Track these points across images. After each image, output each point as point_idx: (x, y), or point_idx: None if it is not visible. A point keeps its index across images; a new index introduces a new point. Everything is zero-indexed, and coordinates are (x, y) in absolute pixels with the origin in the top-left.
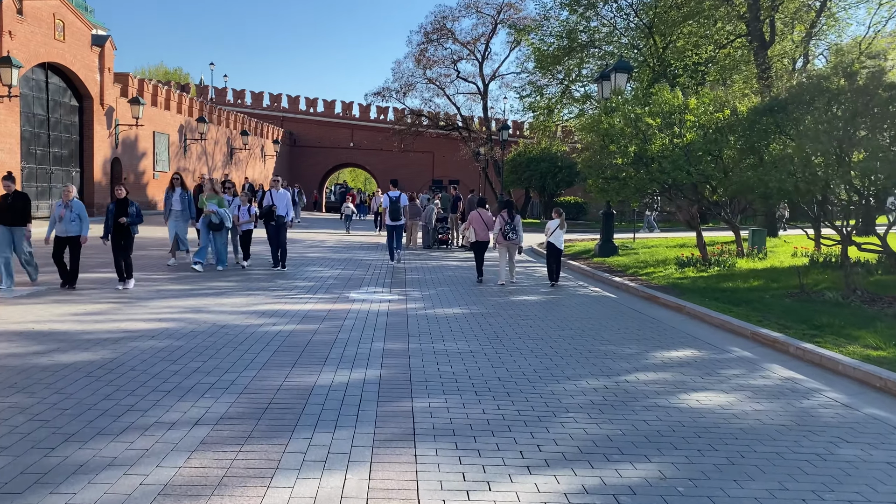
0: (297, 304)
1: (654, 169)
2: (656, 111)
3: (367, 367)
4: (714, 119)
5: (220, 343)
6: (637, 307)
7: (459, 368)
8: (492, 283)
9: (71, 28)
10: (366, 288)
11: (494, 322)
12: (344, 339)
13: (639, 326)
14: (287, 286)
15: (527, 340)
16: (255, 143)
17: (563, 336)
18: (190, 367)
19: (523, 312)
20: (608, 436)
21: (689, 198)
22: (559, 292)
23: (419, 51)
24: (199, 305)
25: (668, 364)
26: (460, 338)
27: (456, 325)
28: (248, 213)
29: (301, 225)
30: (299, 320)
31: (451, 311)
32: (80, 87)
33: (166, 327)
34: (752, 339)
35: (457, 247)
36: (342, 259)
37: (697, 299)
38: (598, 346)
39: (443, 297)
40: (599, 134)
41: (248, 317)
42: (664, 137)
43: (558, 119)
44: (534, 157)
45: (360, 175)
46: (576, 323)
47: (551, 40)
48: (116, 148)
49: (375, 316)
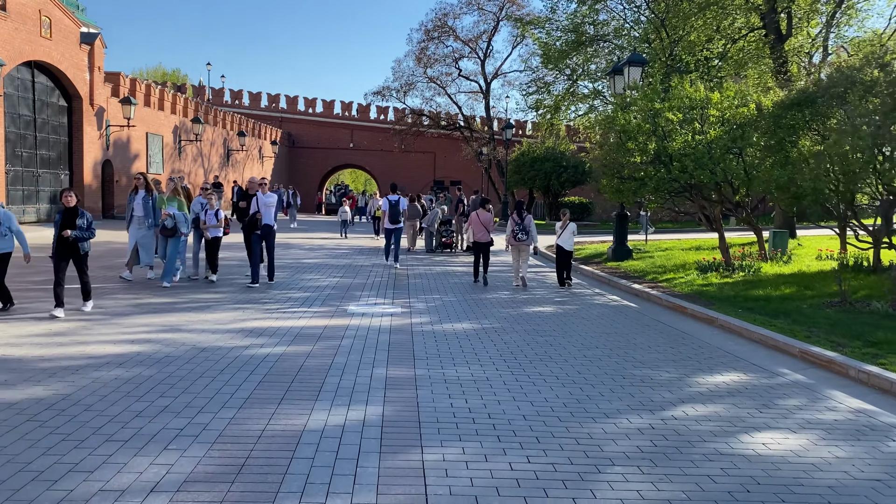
0: (290, 319)
1: (676, 167)
2: (677, 106)
3: (368, 403)
4: (739, 114)
5: (198, 372)
6: (663, 319)
7: (476, 403)
8: (502, 290)
9: (58, 25)
10: (366, 299)
11: (510, 339)
12: (341, 365)
13: (670, 343)
14: (280, 298)
15: (549, 363)
16: (252, 144)
17: (589, 357)
18: (157, 405)
19: (540, 327)
20: (670, 501)
21: (709, 199)
22: (575, 302)
23: (420, 49)
24: (180, 323)
25: (716, 393)
26: (473, 361)
27: (467, 344)
28: (214, 217)
29: (299, 228)
30: (291, 340)
31: (460, 326)
32: (69, 86)
33: (138, 351)
34: (802, 359)
35: (461, 251)
36: (341, 265)
37: (729, 310)
38: (631, 370)
39: (450, 308)
40: (616, 130)
41: (233, 336)
42: (686, 133)
43: (565, 117)
44: (538, 156)
45: (361, 176)
46: (600, 339)
47: (558, 34)
48: (107, 150)
49: (377, 333)
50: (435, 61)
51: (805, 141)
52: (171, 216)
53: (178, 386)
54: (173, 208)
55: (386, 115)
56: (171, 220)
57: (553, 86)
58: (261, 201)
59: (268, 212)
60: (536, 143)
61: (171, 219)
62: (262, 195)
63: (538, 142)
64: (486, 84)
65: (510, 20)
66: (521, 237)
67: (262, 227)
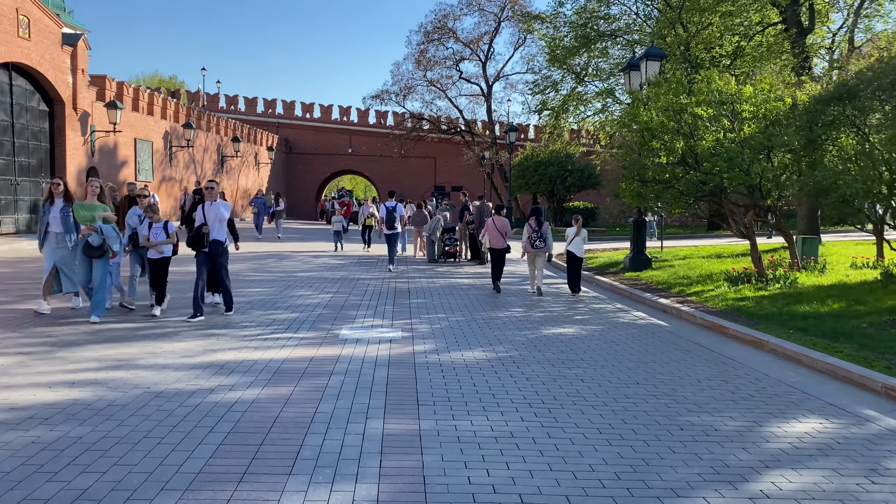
0: (271, 349)
1: (706, 168)
2: (707, 100)
3: (358, 479)
4: (774, 108)
5: (143, 430)
6: (702, 341)
7: (501, 475)
8: (515, 306)
9: (37, 25)
10: (361, 320)
11: (531, 373)
12: (326, 415)
13: (720, 374)
14: (262, 320)
15: (584, 407)
16: (247, 150)
17: (631, 397)
18: (74, 487)
19: (564, 355)
20: None
21: (738, 204)
22: (598, 320)
23: (419, 51)
24: (138, 355)
25: (803, 451)
26: (491, 405)
27: (481, 381)
28: (163, 233)
29: (294, 237)
30: (268, 379)
31: (471, 354)
32: (50, 89)
33: (75, 399)
34: (887, 396)
35: (466, 260)
36: (335, 279)
37: (778, 330)
38: (687, 416)
39: (457, 331)
40: (636, 129)
41: (198, 374)
42: (717, 131)
43: (575, 117)
44: (542, 160)
45: (360, 183)
46: (638, 371)
47: (565, 31)
48: (93, 156)
49: (372, 367)
50: (435, 64)
51: (847, 139)
52: (98, 231)
53: (110, 454)
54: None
55: (385, 119)
56: (98, 236)
57: (560, 84)
58: (209, 212)
59: (219, 226)
60: (540, 146)
61: (97, 235)
62: (209, 204)
63: (542, 145)
64: (488, 87)
65: (514, 17)
66: (539, 244)
67: (210, 245)
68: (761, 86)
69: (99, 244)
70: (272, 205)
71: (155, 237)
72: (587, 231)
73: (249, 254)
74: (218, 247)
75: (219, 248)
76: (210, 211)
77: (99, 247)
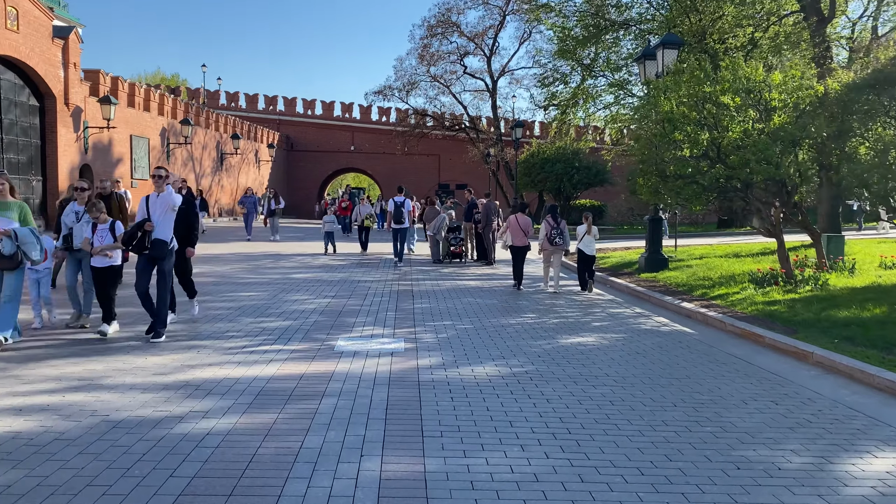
0: (257, 364)
1: (734, 162)
2: (734, 88)
3: None
4: (808, 96)
5: (87, 475)
6: (736, 351)
7: None
8: (527, 311)
9: (26, 17)
10: (360, 328)
11: (552, 393)
12: (313, 452)
13: (766, 393)
14: (251, 329)
15: (618, 438)
16: (248, 147)
17: (670, 424)
18: None
19: (587, 369)
20: None
21: (764, 200)
22: (619, 327)
23: (422, 46)
24: (104, 372)
25: (891, 497)
26: (509, 436)
27: (496, 404)
28: (110, 235)
29: (296, 237)
30: (249, 403)
31: (482, 370)
32: (41, 84)
33: (17, 431)
34: None
35: (472, 261)
36: (335, 281)
37: (821, 339)
38: (741, 450)
39: (466, 341)
40: (658, 119)
41: (169, 397)
42: (745, 122)
43: (584, 111)
44: (548, 157)
45: (364, 181)
46: (672, 389)
47: (574, 20)
48: (86, 153)
49: (371, 386)
50: (438, 59)
51: (881, 128)
52: (10, 235)
53: None
54: (8, 220)
55: (388, 116)
56: (10, 242)
57: (570, 77)
58: (154, 206)
59: (163, 221)
60: (546, 143)
61: (8, 240)
62: (155, 196)
63: (548, 142)
64: (493, 82)
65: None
66: (558, 241)
67: (152, 245)
68: (792, 72)
69: (11, 252)
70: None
71: (100, 241)
72: (597, 229)
73: (245, 254)
74: (162, 248)
75: (163, 250)
76: (156, 204)
77: (12, 255)
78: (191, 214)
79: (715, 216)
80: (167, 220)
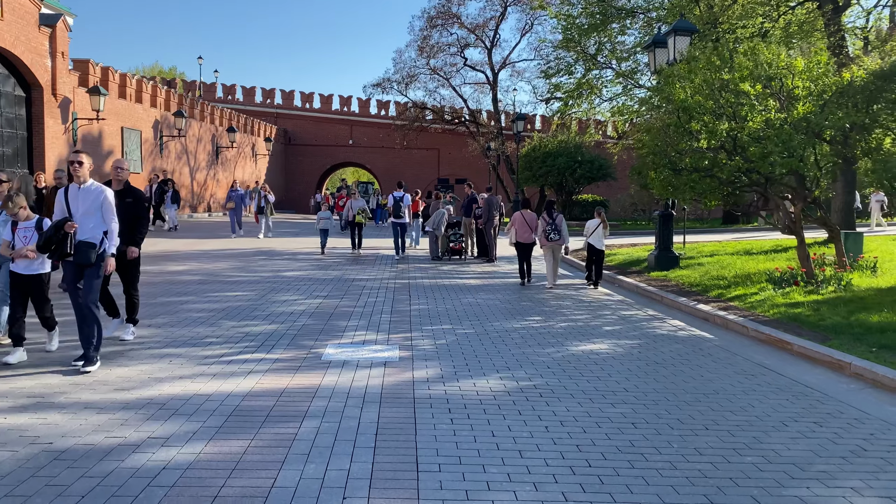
0: (233, 376)
1: (754, 154)
2: (755, 75)
3: None
4: (834, 84)
5: None
6: (764, 361)
7: None
8: (532, 313)
9: (11, 4)
10: (352, 333)
11: (565, 413)
12: (287, 492)
13: (806, 412)
14: (232, 335)
15: (648, 473)
16: (244, 141)
17: (705, 452)
18: None
19: (603, 383)
20: None
21: (783, 196)
22: (633, 332)
23: (422, 38)
24: (58, 387)
25: None
26: (519, 471)
27: (502, 427)
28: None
29: (291, 232)
30: (219, 425)
31: (485, 383)
32: (27, 73)
33: None
34: None
35: (472, 258)
36: (328, 280)
37: (857, 348)
38: (792, 487)
39: (467, 347)
40: (673, 108)
41: (127, 419)
42: (767, 111)
43: (589, 102)
44: (550, 151)
45: (363, 175)
46: (700, 407)
47: (580, 8)
48: (75, 145)
49: (359, 405)
50: (438, 51)
51: None
52: None
53: None
54: None
55: (387, 110)
56: None
57: (574, 67)
58: (76, 201)
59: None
60: (548, 137)
61: None
62: (76, 189)
63: (550, 136)
64: (494, 74)
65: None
66: (554, 237)
67: (76, 250)
68: (817, 58)
69: None
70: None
71: (23, 241)
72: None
73: (234, 250)
74: (88, 253)
75: (89, 255)
76: (78, 198)
77: None
78: (139, 208)
79: (720, 211)
80: (94, 217)
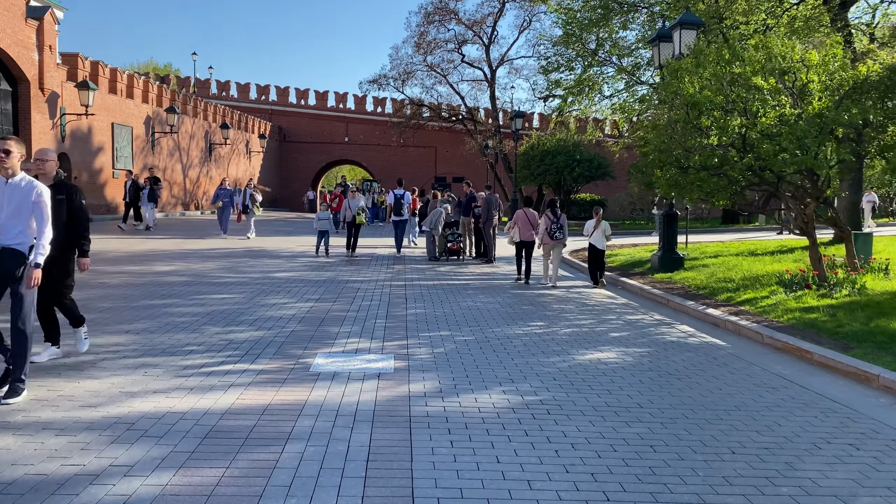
0: (213, 390)
1: (766, 151)
2: (768, 68)
3: None
4: (852, 78)
5: None
6: (783, 371)
7: None
8: (534, 318)
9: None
10: (344, 340)
11: (576, 434)
12: None
13: (838, 432)
14: (215, 342)
15: None
16: (238, 137)
17: (734, 482)
18: None
19: (615, 398)
20: None
21: (796, 195)
22: (641, 339)
23: (419, 34)
24: (17, 404)
25: None
26: None
27: (507, 452)
28: None
29: (284, 231)
30: (191, 450)
31: (487, 398)
32: (13, 67)
33: None
34: None
35: (471, 258)
36: (320, 282)
37: (883, 358)
38: None
39: (467, 356)
40: (681, 104)
41: (89, 443)
42: (780, 107)
43: (590, 99)
44: (548, 149)
45: (359, 174)
46: (724, 428)
47: (580, 3)
48: (63, 141)
49: (349, 425)
50: (436, 47)
51: None
52: None
53: None
54: None
55: (384, 107)
56: None
57: (574, 62)
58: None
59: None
60: (546, 135)
61: None
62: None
63: (548, 134)
64: (492, 72)
65: None
66: (558, 235)
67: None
68: (833, 51)
69: None
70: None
71: None
72: (608, 223)
73: (224, 250)
74: (13, 262)
75: (14, 264)
76: (4, 196)
77: None
78: (74, 207)
79: (719, 210)
80: (21, 218)
